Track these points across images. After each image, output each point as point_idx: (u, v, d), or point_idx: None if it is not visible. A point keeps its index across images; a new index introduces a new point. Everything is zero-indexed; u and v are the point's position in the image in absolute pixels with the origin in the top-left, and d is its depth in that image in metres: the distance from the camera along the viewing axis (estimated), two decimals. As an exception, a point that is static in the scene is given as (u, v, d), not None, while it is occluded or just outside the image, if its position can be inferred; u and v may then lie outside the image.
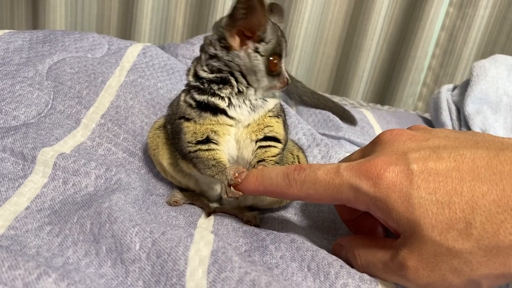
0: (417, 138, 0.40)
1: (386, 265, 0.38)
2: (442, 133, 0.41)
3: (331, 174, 0.38)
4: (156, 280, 0.34)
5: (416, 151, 0.38)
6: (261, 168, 0.44)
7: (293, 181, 0.40)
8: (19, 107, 0.54)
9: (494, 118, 0.77)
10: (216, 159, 0.45)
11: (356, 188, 0.37)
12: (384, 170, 0.36)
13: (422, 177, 0.36)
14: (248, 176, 0.43)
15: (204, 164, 0.46)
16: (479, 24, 1.22)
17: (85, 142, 0.53)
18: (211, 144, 0.46)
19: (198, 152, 0.46)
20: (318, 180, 0.39)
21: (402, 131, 0.41)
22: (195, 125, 0.46)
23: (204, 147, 0.46)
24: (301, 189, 0.40)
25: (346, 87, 1.30)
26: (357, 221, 0.46)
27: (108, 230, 0.37)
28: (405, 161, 0.37)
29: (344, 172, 0.38)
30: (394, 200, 0.36)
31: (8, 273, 0.30)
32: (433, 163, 0.36)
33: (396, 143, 0.40)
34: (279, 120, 0.49)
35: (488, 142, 0.38)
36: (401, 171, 0.36)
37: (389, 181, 0.36)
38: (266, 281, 0.33)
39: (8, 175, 0.44)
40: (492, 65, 0.82)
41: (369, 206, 0.37)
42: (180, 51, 0.77)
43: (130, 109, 0.60)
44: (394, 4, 1.22)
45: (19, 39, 0.65)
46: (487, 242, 0.33)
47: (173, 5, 1.21)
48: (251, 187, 0.43)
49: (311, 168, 0.40)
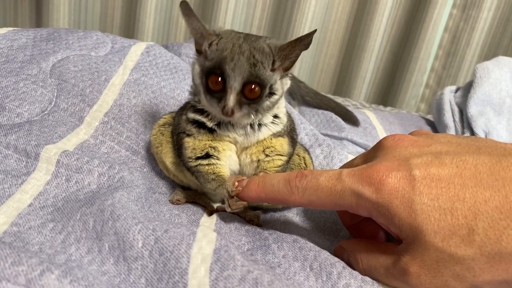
0: (419, 143, 0.40)
1: (388, 270, 0.38)
2: (444, 139, 0.41)
3: (333, 180, 0.38)
4: (159, 278, 0.34)
5: (418, 156, 0.38)
6: (262, 175, 0.44)
7: (295, 188, 0.40)
8: (23, 104, 0.54)
9: (497, 120, 0.77)
10: (216, 173, 0.46)
11: (358, 194, 0.37)
12: (386, 176, 0.36)
13: (424, 183, 0.36)
14: (250, 183, 0.43)
15: (204, 178, 0.46)
16: (482, 26, 1.21)
17: (88, 140, 0.53)
18: (212, 159, 0.46)
19: (199, 166, 0.46)
20: (320, 187, 0.39)
21: (404, 137, 0.41)
22: (195, 141, 0.46)
23: (204, 162, 0.46)
24: (303, 196, 0.40)
25: (348, 88, 1.30)
26: (359, 226, 0.45)
27: (111, 228, 0.37)
28: (407, 167, 0.37)
29: (346, 178, 0.38)
30: (396, 206, 0.36)
31: (11, 269, 0.30)
32: (436, 169, 0.36)
33: (398, 149, 0.40)
34: (285, 138, 0.48)
35: (491, 148, 0.38)
36: (403, 177, 0.36)
37: (391, 187, 0.36)
38: (269, 280, 0.33)
39: (12, 172, 0.44)
40: (496, 67, 0.82)
41: (371, 212, 0.37)
42: (183, 50, 0.77)
43: (133, 108, 0.60)
44: (398, 6, 1.22)
45: (23, 37, 0.65)
46: (489, 249, 0.33)
47: (177, 5, 1.21)
48: (252, 194, 0.42)
49: (313, 174, 0.40)
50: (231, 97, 0.41)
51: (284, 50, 0.42)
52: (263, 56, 0.41)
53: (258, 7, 1.23)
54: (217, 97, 0.42)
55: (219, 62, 0.41)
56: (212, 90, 0.42)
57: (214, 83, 0.42)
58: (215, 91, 0.42)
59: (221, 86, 0.41)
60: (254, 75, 0.41)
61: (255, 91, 0.41)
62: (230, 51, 0.41)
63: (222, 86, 0.41)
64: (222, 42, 0.42)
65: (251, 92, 0.41)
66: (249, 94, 0.41)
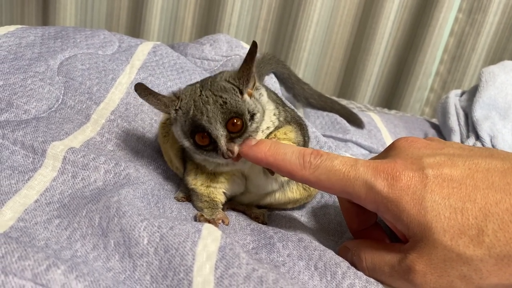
0: (432, 146, 0.40)
1: (393, 269, 0.38)
2: (457, 145, 0.41)
3: (347, 166, 0.38)
4: (164, 275, 0.34)
5: (431, 156, 0.38)
6: (276, 140, 0.43)
7: (308, 163, 0.39)
8: (30, 101, 0.54)
9: (503, 124, 0.77)
10: (211, 198, 0.47)
11: (370, 185, 0.37)
12: (400, 172, 0.37)
13: (436, 182, 0.36)
14: (261, 143, 0.42)
15: (197, 197, 0.47)
16: (488, 30, 1.21)
17: (94, 137, 0.53)
18: (211, 185, 0.47)
19: (196, 188, 0.47)
20: (333, 169, 0.39)
21: (417, 139, 0.41)
22: (197, 170, 0.47)
23: (203, 186, 0.47)
24: (313, 173, 0.39)
25: (353, 90, 1.30)
26: (365, 233, 0.45)
27: (117, 224, 0.37)
28: (420, 165, 0.37)
29: (361, 168, 0.38)
30: (406, 202, 0.36)
31: (18, 263, 0.30)
32: (448, 169, 0.36)
33: (411, 149, 0.40)
34: (287, 126, 0.47)
35: (503, 154, 0.38)
36: (415, 175, 0.36)
37: (404, 183, 0.36)
38: (274, 278, 0.33)
39: (19, 168, 0.44)
40: (501, 71, 0.82)
41: (379, 206, 0.37)
42: (189, 50, 0.77)
43: (139, 107, 0.60)
44: (403, 9, 1.22)
45: (31, 34, 0.66)
46: (498, 251, 0.33)
47: (182, 5, 1.22)
48: (260, 155, 0.41)
49: (329, 155, 0.40)
50: (222, 142, 0.41)
51: (243, 75, 0.42)
52: (227, 92, 0.42)
53: (264, 9, 1.23)
54: (211, 149, 0.43)
55: (193, 123, 0.42)
56: (203, 146, 0.43)
57: (201, 140, 0.42)
58: (206, 145, 0.43)
59: (208, 139, 0.42)
60: (228, 113, 0.41)
61: (238, 124, 0.42)
62: (195, 107, 0.42)
63: (209, 138, 0.42)
64: (184, 104, 0.43)
65: (234, 126, 0.42)
66: (233, 128, 0.42)
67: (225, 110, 0.41)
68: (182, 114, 0.42)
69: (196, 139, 0.42)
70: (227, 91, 0.42)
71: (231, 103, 0.41)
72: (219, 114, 0.41)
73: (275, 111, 0.46)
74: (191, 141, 0.43)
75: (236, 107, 0.41)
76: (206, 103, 0.41)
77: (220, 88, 0.42)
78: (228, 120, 0.41)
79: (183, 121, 0.43)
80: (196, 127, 0.42)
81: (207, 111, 0.41)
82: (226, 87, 0.42)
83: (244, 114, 0.42)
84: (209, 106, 0.41)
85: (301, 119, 0.51)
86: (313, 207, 0.54)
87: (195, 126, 0.42)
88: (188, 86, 0.45)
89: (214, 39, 0.80)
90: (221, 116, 0.41)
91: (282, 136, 0.46)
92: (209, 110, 0.41)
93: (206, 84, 0.43)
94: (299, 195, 0.50)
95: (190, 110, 0.42)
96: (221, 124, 0.41)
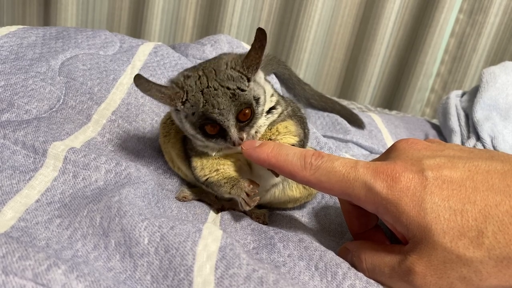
0: (432, 148, 0.40)
1: (393, 270, 0.38)
2: (457, 147, 0.41)
3: (347, 167, 0.39)
4: (164, 275, 0.34)
5: (431, 158, 0.38)
6: (279, 142, 0.44)
7: (309, 164, 0.40)
8: (32, 101, 0.54)
9: (503, 124, 0.77)
10: (226, 177, 0.46)
11: (370, 187, 0.37)
12: (399, 174, 0.37)
13: (436, 184, 0.36)
14: (264, 145, 0.43)
15: (216, 185, 0.46)
16: (489, 31, 1.21)
17: (95, 137, 0.54)
18: (219, 170, 0.46)
19: (209, 179, 0.47)
20: (334, 170, 0.39)
21: (417, 141, 0.42)
22: (202, 160, 0.47)
23: (213, 174, 0.47)
24: (313, 174, 0.40)
25: (354, 91, 1.30)
26: (365, 235, 0.45)
27: (118, 224, 0.37)
28: (420, 167, 0.37)
29: (361, 169, 0.38)
30: (405, 203, 0.36)
31: (19, 263, 0.31)
32: (448, 171, 0.36)
33: (412, 151, 0.40)
34: (288, 121, 0.47)
35: (503, 157, 0.38)
36: (415, 177, 0.36)
37: (403, 185, 0.36)
38: (274, 279, 0.33)
39: (20, 168, 0.45)
40: (502, 72, 0.82)
41: (378, 208, 0.37)
42: (190, 51, 0.77)
43: (141, 107, 0.60)
44: (404, 10, 1.22)
45: (33, 34, 0.66)
46: (498, 252, 0.33)
47: (183, 6, 1.22)
48: (263, 156, 0.42)
49: (330, 157, 0.40)
50: (233, 131, 0.42)
51: (252, 63, 0.42)
52: (235, 82, 0.42)
53: (265, 10, 1.23)
54: (220, 136, 0.43)
55: (204, 116, 0.42)
56: (212, 135, 0.43)
57: (211, 130, 0.43)
58: (216, 134, 0.43)
59: (218, 129, 0.42)
60: (239, 104, 0.42)
61: (247, 113, 0.43)
62: (205, 100, 0.41)
63: (219, 127, 0.42)
64: (191, 97, 0.42)
65: (244, 116, 0.42)
66: (244, 118, 0.43)
67: (236, 102, 0.41)
68: (190, 107, 0.42)
69: (207, 129, 0.42)
70: (235, 80, 0.42)
71: (240, 95, 0.41)
72: (230, 106, 0.41)
73: (273, 92, 0.47)
74: (199, 131, 0.43)
75: (245, 98, 0.42)
76: (216, 96, 0.41)
77: (227, 77, 0.42)
78: (238, 113, 0.42)
79: (190, 112, 0.42)
80: (207, 119, 0.42)
81: (218, 104, 0.41)
82: (234, 76, 0.42)
83: (252, 102, 0.42)
84: (220, 98, 0.41)
85: (301, 111, 0.52)
86: (314, 208, 0.54)
87: (206, 119, 0.42)
88: (186, 73, 0.44)
89: (215, 40, 0.80)
90: (234, 109, 0.41)
91: (283, 130, 0.46)
92: (220, 103, 0.41)
93: (210, 73, 0.42)
94: (299, 193, 0.50)
95: (199, 103, 0.41)
96: (233, 115, 0.42)
